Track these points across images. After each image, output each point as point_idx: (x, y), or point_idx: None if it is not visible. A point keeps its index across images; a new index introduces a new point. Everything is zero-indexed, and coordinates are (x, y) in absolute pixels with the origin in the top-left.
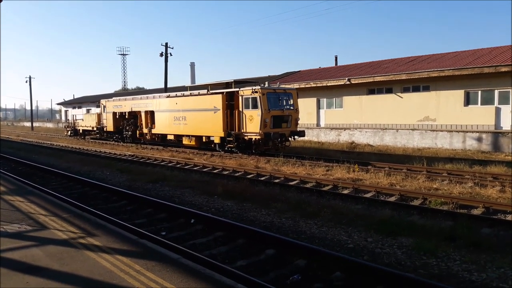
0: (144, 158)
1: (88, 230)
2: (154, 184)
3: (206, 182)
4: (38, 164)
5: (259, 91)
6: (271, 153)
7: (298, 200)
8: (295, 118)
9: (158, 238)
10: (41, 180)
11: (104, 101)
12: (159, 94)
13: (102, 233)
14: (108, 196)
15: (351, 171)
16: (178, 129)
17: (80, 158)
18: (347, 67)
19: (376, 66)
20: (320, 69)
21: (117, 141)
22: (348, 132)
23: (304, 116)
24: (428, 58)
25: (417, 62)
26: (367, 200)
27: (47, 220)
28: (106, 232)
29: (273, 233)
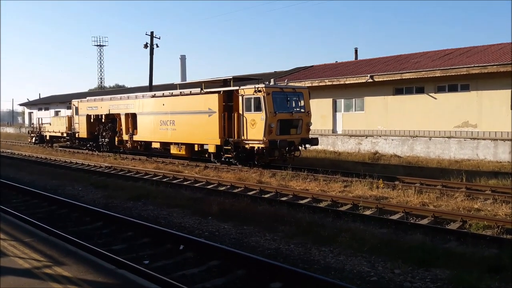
0: (124, 170)
1: (55, 257)
2: (136, 202)
3: (199, 200)
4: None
5: (263, 90)
6: (277, 165)
7: (310, 222)
8: (306, 123)
9: (140, 268)
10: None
11: (76, 102)
12: (143, 94)
13: (73, 262)
14: (80, 217)
15: (374, 188)
16: (165, 136)
17: (46, 170)
18: (369, 61)
19: (405, 60)
20: (336, 64)
21: (91, 149)
22: (371, 140)
23: (317, 121)
24: (468, 51)
25: (455, 56)
26: (393, 223)
27: (6, 245)
28: (77, 260)
29: (280, 263)
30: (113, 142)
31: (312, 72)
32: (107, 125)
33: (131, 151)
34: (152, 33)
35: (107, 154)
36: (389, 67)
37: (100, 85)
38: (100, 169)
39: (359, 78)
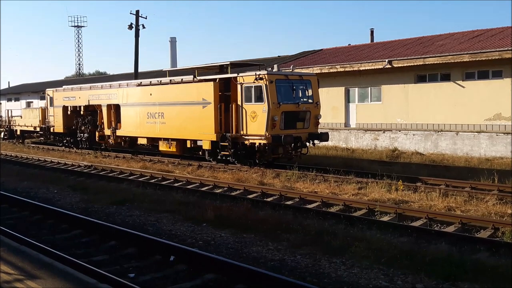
0: (106, 170)
1: (27, 270)
2: (119, 206)
3: (192, 204)
4: None
5: (265, 78)
6: (281, 164)
7: (319, 229)
8: (315, 115)
9: (125, 282)
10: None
11: (51, 91)
12: (127, 82)
13: (48, 275)
14: (56, 224)
15: (393, 190)
16: (153, 130)
17: (17, 170)
18: (387, 44)
19: (428, 43)
20: (350, 47)
21: (68, 146)
22: (389, 135)
23: (327, 113)
24: (501, 32)
25: (485, 37)
26: (415, 231)
27: None
28: (53, 274)
29: (285, 276)
30: (94, 138)
31: (321, 56)
32: (87, 118)
33: (114, 148)
34: (137, 12)
35: (87, 152)
36: (410, 51)
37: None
38: (79, 169)
39: (375, 63)
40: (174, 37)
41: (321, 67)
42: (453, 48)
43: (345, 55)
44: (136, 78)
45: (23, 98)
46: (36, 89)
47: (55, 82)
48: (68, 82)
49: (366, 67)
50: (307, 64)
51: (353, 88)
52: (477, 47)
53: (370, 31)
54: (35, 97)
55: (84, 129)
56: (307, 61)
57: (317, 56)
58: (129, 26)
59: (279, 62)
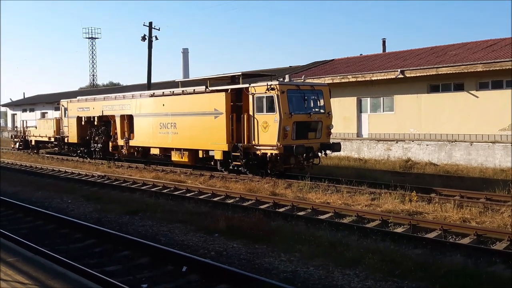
0: (119, 180)
1: (42, 280)
2: (132, 216)
3: (204, 215)
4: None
5: (277, 88)
6: (293, 174)
7: (332, 241)
8: (326, 126)
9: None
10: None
11: (65, 102)
12: (140, 93)
13: (61, 285)
14: (70, 233)
15: (407, 201)
16: (166, 141)
17: (31, 180)
18: (399, 54)
19: (441, 53)
20: (361, 57)
21: (82, 156)
22: (402, 146)
23: (339, 123)
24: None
25: (498, 47)
26: (429, 242)
27: None
28: (67, 283)
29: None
30: (107, 148)
31: (333, 66)
32: (100, 128)
33: (127, 158)
34: (150, 24)
35: (100, 162)
36: (423, 61)
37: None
38: (92, 179)
39: (387, 73)
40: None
41: (333, 77)
42: (466, 57)
43: (357, 65)
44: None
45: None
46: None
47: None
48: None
49: (378, 77)
50: (319, 74)
51: (365, 98)
52: (491, 56)
53: (382, 41)
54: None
55: (97, 139)
56: (319, 71)
57: (328, 66)
58: (142, 37)
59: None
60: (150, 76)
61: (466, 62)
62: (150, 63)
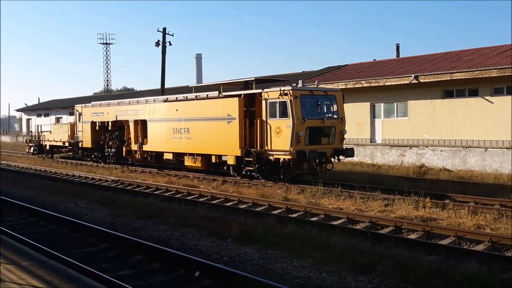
0: (133, 185)
1: (55, 284)
2: (146, 221)
3: (216, 220)
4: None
5: (290, 93)
6: (306, 180)
7: (345, 247)
8: (340, 131)
9: None
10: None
11: (79, 107)
12: (154, 98)
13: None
14: (83, 237)
15: (421, 207)
16: (179, 146)
17: (46, 184)
18: (413, 59)
19: (455, 58)
20: (375, 63)
21: (96, 161)
22: (416, 151)
23: (352, 128)
24: None
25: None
26: (443, 249)
27: (1, 269)
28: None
29: None
30: (121, 153)
31: (346, 72)
32: (114, 133)
33: (140, 162)
34: (164, 30)
35: (114, 166)
36: (437, 66)
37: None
38: (106, 183)
39: (401, 78)
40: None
41: (346, 82)
42: (480, 63)
43: (370, 71)
44: (162, 94)
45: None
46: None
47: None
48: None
49: (392, 82)
50: (332, 80)
51: (379, 103)
52: (506, 62)
53: (396, 46)
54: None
55: (111, 144)
56: (332, 77)
57: (342, 72)
58: (156, 43)
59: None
60: (164, 81)
61: (481, 67)
62: (164, 68)
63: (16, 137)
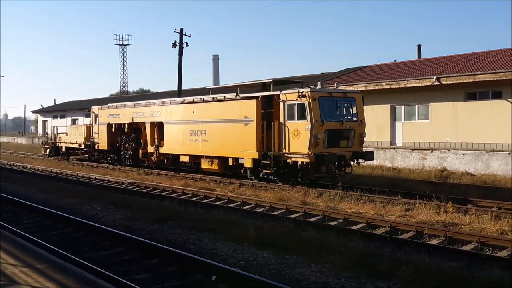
0: (149, 187)
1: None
2: (162, 224)
3: (233, 223)
4: (4, 194)
5: (308, 95)
6: (324, 184)
7: (364, 252)
8: (359, 134)
9: None
10: (9, 217)
11: (96, 109)
12: (171, 99)
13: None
14: (99, 240)
15: (442, 212)
16: (195, 148)
17: (61, 187)
18: (435, 60)
19: (478, 59)
20: (395, 64)
21: (112, 163)
22: (437, 155)
23: (372, 131)
24: None
25: None
26: (466, 255)
27: (17, 272)
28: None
29: None
30: (137, 155)
31: (366, 73)
32: (130, 135)
33: (156, 165)
34: (181, 31)
35: (130, 169)
36: (460, 68)
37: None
38: (122, 186)
39: (423, 80)
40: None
41: (366, 84)
42: (504, 64)
43: (391, 72)
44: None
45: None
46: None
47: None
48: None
49: (413, 84)
50: (352, 81)
51: (399, 105)
52: None
53: (417, 47)
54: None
55: (127, 146)
56: (352, 78)
57: (361, 73)
58: (173, 44)
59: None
60: (181, 83)
61: (505, 69)
62: (181, 69)
63: (32, 138)
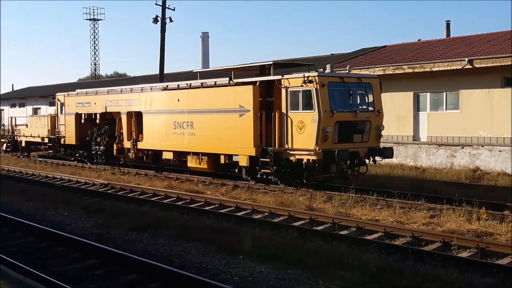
0: (125, 189)
1: None
2: (141, 233)
3: (226, 232)
4: None
5: (316, 80)
6: (334, 185)
7: (381, 266)
8: (376, 126)
9: None
10: None
11: (62, 96)
12: (151, 85)
13: None
14: (67, 252)
15: (474, 219)
16: (181, 143)
17: (21, 188)
18: (467, 40)
19: None
20: (420, 43)
21: (81, 161)
22: (469, 151)
23: (391, 123)
24: None
25: None
26: (502, 270)
27: None
28: None
29: None
30: (111, 151)
31: (384, 54)
32: (103, 127)
33: (134, 163)
34: (164, 3)
35: (103, 167)
36: (496, 48)
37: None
38: (93, 188)
39: (452, 63)
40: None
41: (385, 67)
42: None
43: (414, 53)
44: (161, 80)
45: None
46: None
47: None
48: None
49: (440, 67)
50: (367, 64)
51: (424, 93)
52: None
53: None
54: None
55: (100, 140)
56: (367, 60)
57: (379, 54)
58: (154, 19)
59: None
60: (163, 66)
61: None
62: (163, 50)
63: None
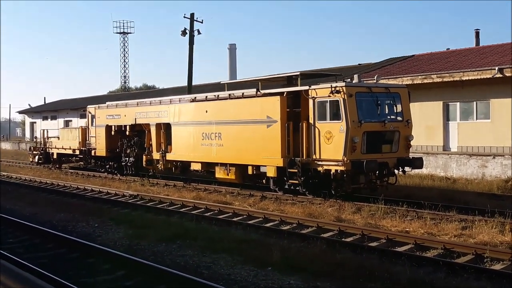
0: (154, 200)
1: None
2: (170, 244)
3: (254, 243)
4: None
5: (343, 90)
6: (363, 196)
7: (412, 278)
8: (405, 136)
9: None
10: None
11: (92, 108)
12: (180, 97)
13: None
14: (96, 263)
15: (507, 231)
16: (209, 154)
17: (53, 200)
18: (497, 48)
19: None
20: (448, 53)
21: (111, 172)
22: (501, 162)
23: (421, 133)
24: None
25: None
26: None
27: None
28: None
29: None
30: (140, 163)
31: (412, 64)
32: (133, 139)
33: (163, 174)
34: (192, 16)
35: (132, 179)
36: None
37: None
38: (123, 199)
39: (482, 72)
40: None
41: (413, 77)
42: None
43: (443, 62)
44: (189, 92)
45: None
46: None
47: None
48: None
49: (470, 76)
50: (396, 74)
51: (454, 102)
52: None
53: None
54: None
55: (129, 152)
56: (395, 70)
57: (407, 64)
58: (182, 32)
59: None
60: (191, 78)
61: None
62: (191, 61)
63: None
